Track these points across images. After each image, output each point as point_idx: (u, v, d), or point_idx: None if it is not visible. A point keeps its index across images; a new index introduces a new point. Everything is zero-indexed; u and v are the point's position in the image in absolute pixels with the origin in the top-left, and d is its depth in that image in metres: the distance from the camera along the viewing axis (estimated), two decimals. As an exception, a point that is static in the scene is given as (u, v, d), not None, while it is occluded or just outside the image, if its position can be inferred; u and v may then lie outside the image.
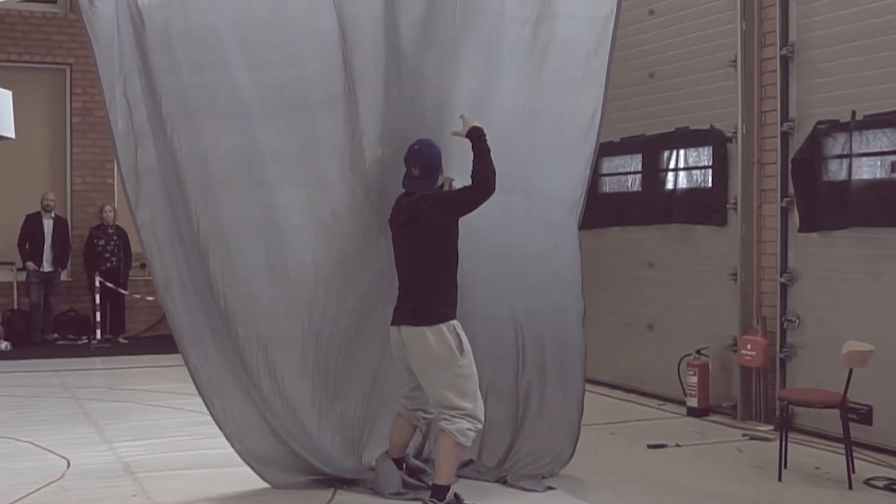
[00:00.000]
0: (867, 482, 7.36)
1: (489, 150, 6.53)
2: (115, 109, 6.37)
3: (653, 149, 10.83)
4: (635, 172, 11.17)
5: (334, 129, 6.89)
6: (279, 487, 7.00)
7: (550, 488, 7.13)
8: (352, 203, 6.96)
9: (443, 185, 6.75)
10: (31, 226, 15.24)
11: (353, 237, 6.99)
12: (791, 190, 9.07)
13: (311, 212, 6.88)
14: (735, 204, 9.70)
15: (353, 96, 6.86)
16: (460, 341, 6.50)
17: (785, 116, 9.18)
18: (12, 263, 15.52)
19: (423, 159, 6.65)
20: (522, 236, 7.34)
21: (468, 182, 6.60)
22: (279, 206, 6.77)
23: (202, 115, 6.54)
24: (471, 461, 7.37)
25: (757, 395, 9.51)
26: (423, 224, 6.55)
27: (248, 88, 6.64)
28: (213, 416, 6.85)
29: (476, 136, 6.57)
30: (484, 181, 6.49)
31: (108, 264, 15.37)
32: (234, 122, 6.63)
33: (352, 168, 6.93)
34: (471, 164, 6.57)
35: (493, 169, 6.50)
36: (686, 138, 10.36)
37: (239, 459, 6.93)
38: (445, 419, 6.49)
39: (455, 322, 6.55)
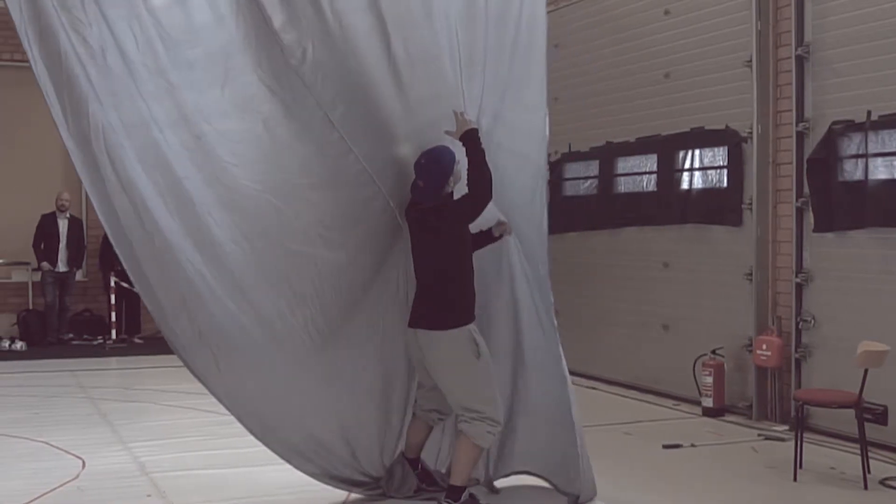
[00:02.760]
0: (883, 482, 7.35)
1: (484, 155, 6.38)
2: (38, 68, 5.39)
3: (668, 149, 10.81)
4: (650, 172, 11.15)
5: (260, 74, 5.99)
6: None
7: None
8: (305, 153, 6.23)
9: (451, 192, 6.59)
10: (46, 226, 15.27)
11: (331, 197, 6.38)
12: (806, 190, 9.06)
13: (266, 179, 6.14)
14: (750, 204, 9.68)
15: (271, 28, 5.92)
16: (476, 345, 6.44)
17: (800, 116, 9.16)
18: (27, 263, 15.56)
19: (428, 175, 6.47)
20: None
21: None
22: (231, 180, 6.01)
23: (132, 75, 5.64)
24: (476, 481, 7.04)
25: (772, 396, 9.49)
26: (433, 234, 6.50)
27: (157, 40, 5.70)
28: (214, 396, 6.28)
29: (471, 140, 6.41)
30: (481, 189, 6.37)
31: (124, 264, 15.36)
32: (159, 84, 5.74)
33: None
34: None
35: (490, 175, 6.37)
36: (701, 138, 10.34)
37: (254, 460, 6.91)
38: (465, 421, 6.45)
39: (472, 326, 6.48)
